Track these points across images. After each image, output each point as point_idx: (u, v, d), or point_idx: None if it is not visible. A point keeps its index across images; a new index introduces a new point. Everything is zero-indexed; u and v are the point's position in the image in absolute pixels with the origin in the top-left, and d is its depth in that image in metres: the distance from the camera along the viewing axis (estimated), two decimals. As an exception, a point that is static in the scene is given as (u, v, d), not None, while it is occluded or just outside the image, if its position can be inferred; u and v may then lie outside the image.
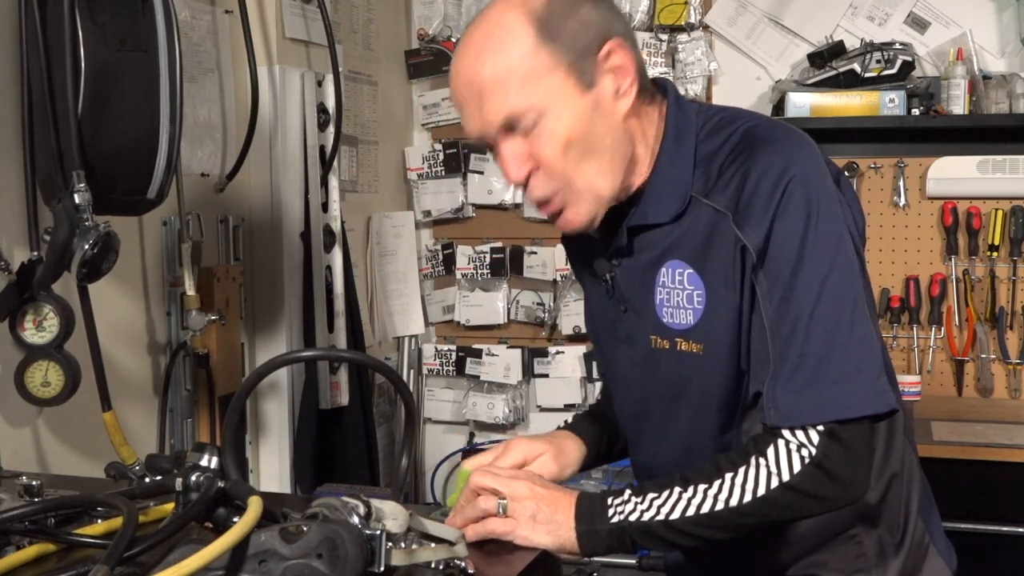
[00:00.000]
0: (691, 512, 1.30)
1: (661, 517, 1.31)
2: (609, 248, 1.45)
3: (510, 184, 1.39)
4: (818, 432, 1.29)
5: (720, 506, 1.30)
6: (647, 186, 1.40)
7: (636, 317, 1.45)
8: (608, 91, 1.35)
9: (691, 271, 1.37)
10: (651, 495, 1.32)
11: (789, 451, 1.30)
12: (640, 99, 1.39)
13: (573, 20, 1.32)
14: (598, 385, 3.43)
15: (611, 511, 1.32)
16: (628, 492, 1.33)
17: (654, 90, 1.44)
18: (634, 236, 1.42)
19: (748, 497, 1.29)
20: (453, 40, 3.58)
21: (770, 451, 1.30)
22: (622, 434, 1.63)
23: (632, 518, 1.31)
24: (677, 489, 1.31)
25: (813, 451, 1.29)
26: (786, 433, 1.30)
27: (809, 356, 1.29)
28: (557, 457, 1.53)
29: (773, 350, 1.31)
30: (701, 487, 1.31)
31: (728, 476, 1.30)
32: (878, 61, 3.09)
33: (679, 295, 1.39)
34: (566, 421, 1.70)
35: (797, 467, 1.29)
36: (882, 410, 1.31)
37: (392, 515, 1.18)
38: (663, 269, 1.40)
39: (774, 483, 1.29)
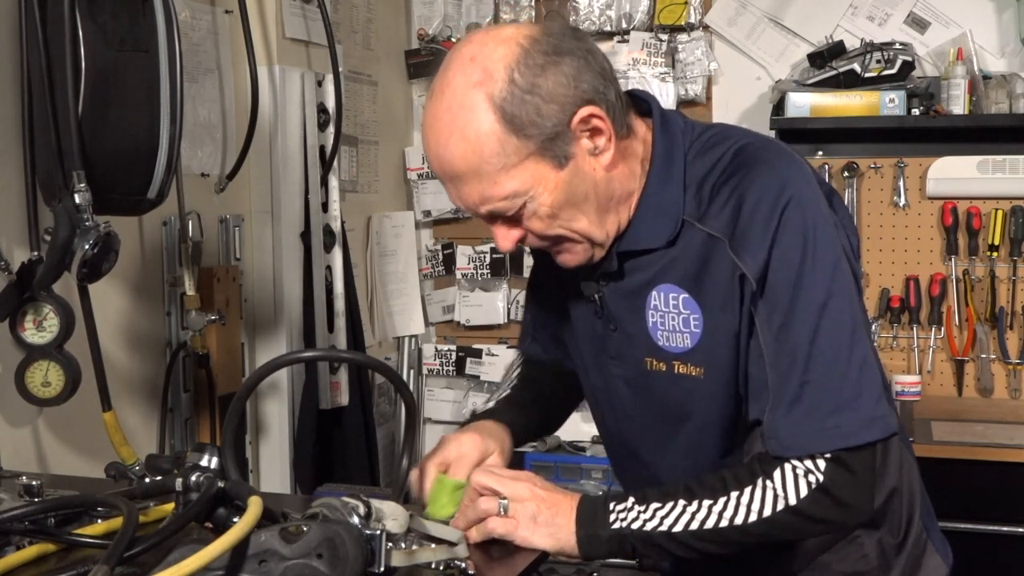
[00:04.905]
0: (694, 526, 1.30)
1: (664, 528, 1.30)
2: (597, 270, 1.44)
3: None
4: (825, 459, 1.29)
5: (724, 523, 1.29)
6: (636, 211, 1.39)
7: (626, 337, 1.45)
8: (586, 151, 1.31)
9: (686, 295, 1.37)
10: (654, 504, 1.31)
11: (796, 476, 1.29)
12: (619, 141, 1.34)
13: (538, 99, 1.25)
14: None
15: (612, 516, 1.32)
16: (631, 499, 1.33)
17: (633, 119, 1.39)
18: (624, 260, 1.41)
19: (753, 517, 1.29)
20: (453, 40, 3.57)
21: (776, 474, 1.30)
22: (534, 420, 1.63)
23: (634, 526, 1.31)
24: (682, 502, 1.31)
25: (820, 477, 1.29)
26: (793, 459, 1.30)
27: (809, 385, 1.29)
28: (502, 455, 1.52)
29: (772, 379, 1.31)
30: (706, 503, 1.30)
31: (734, 495, 1.30)
32: (878, 61, 3.09)
33: (674, 319, 1.38)
34: (480, 410, 1.66)
35: (804, 492, 1.29)
36: (882, 436, 1.31)
37: (392, 515, 1.18)
38: (653, 292, 1.39)
39: (780, 506, 1.29)
